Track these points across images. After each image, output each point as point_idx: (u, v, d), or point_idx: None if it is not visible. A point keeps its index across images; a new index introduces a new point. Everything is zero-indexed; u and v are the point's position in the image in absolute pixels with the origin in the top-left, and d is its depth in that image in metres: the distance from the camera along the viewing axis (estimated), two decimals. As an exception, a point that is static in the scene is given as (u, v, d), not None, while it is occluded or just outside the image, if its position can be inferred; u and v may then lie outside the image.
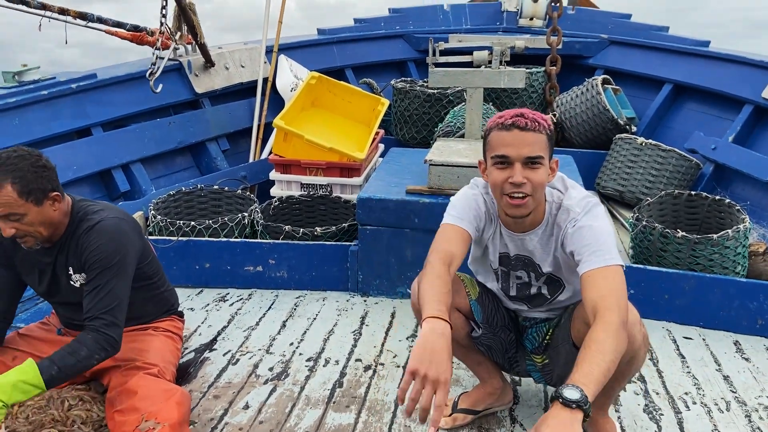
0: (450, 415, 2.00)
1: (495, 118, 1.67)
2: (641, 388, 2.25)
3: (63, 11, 3.64)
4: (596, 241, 1.61)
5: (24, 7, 3.49)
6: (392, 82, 4.64)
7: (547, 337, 1.88)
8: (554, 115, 4.59)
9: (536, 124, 1.62)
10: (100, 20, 3.85)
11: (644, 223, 2.90)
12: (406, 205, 2.83)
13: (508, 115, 1.65)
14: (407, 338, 2.61)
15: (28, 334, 2.21)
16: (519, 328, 1.98)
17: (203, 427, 2.02)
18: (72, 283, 2.02)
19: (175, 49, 4.06)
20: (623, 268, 1.60)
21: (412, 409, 1.39)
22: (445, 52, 3.18)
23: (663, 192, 3.29)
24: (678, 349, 2.52)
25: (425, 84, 4.60)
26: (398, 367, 2.39)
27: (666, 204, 3.25)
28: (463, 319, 1.87)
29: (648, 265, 2.82)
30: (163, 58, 3.67)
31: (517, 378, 2.25)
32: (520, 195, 1.64)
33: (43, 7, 3.55)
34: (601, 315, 1.48)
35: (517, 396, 2.14)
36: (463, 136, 3.44)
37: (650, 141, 3.97)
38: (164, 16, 3.58)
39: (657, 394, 2.22)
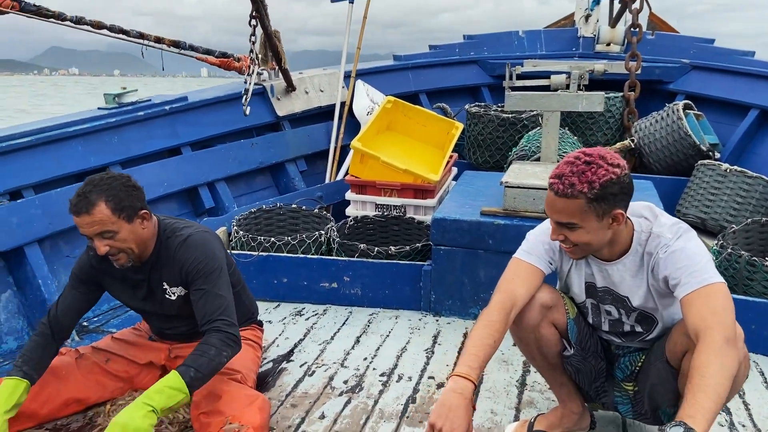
0: (525, 436, 1.98)
1: (559, 163, 1.66)
2: (726, 420, 2.15)
3: (158, 40, 3.92)
4: (692, 263, 1.56)
5: (125, 37, 3.79)
6: (466, 106, 4.69)
7: (639, 364, 1.83)
8: (632, 141, 4.50)
9: (571, 189, 1.57)
10: (192, 48, 4.12)
11: (729, 250, 2.80)
12: (481, 227, 2.84)
13: (558, 168, 1.62)
14: (480, 359, 2.60)
15: (121, 338, 2.35)
16: (611, 357, 1.93)
17: (281, 434, 2.09)
18: (168, 296, 2.13)
19: (259, 74, 4.27)
20: (725, 285, 1.53)
21: None
22: (520, 77, 3.20)
23: (749, 219, 3.16)
24: (765, 382, 2.40)
25: (499, 108, 4.63)
26: (471, 386, 2.39)
27: (752, 232, 3.12)
28: (557, 336, 1.85)
29: (733, 293, 2.70)
30: (251, 84, 3.87)
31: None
32: (568, 245, 1.68)
33: (141, 36, 3.84)
34: (703, 337, 1.42)
35: (594, 421, 2.10)
36: (538, 159, 3.44)
37: (735, 167, 3.82)
38: (253, 43, 3.79)
39: (743, 426, 2.12)
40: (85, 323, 2.94)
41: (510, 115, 4.36)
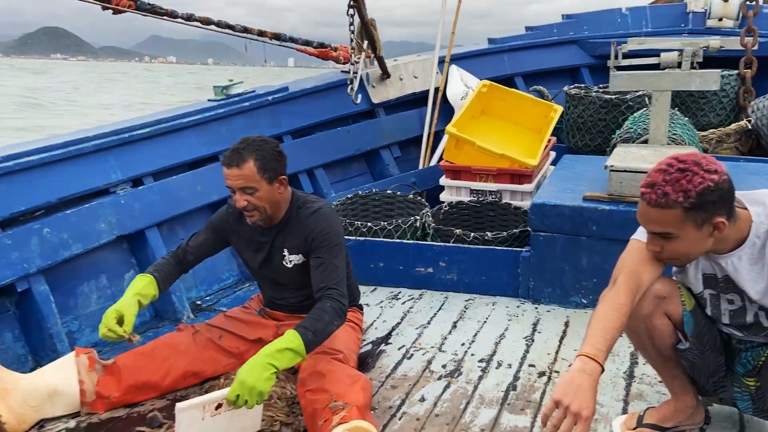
0: (634, 429, 1.92)
1: (650, 171, 1.58)
2: None
3: (261, 33, 4.07)
4: None
5: (231, 32, 3.96)
6: (565, 88, 4.54)
7: (763, 359, 1.73)
8: (749, 122, 4.19)
9: (665, 199, 1.50)
10: (292, 39, 4.25)
11: None
12: (583, 212, 2.76)
13: (650, 176, 1.56)
14: (582, 348, 2.54)
15: (232, 316, 2.49)
16: (731, 351, 1.82)
17: (383, 414, 2.14)
18: (285, 263, 2.27)
19: (355, 62, 4.33)
20: None
21: None
22: (625, 56, 3.06)
23: None
24: None
25: (601, 89, 4.45)
26: (573, 375, 2.34)
27: None
28: (671, 328, 1.77)
29: None
30: (357, 72, 3.95)
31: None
32: (666, 255, 1.61)
33: (245, 30, 4.01)
34: None
35: (708, 416, 2.00)
36: (645, 142, 3.28)
37: None
38: (352, 32, 3.86)
39: None
40: (198, 302, 3.14)
41: (613, 97, 4.18)
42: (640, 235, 1.71)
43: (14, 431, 2.02)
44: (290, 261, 2.26)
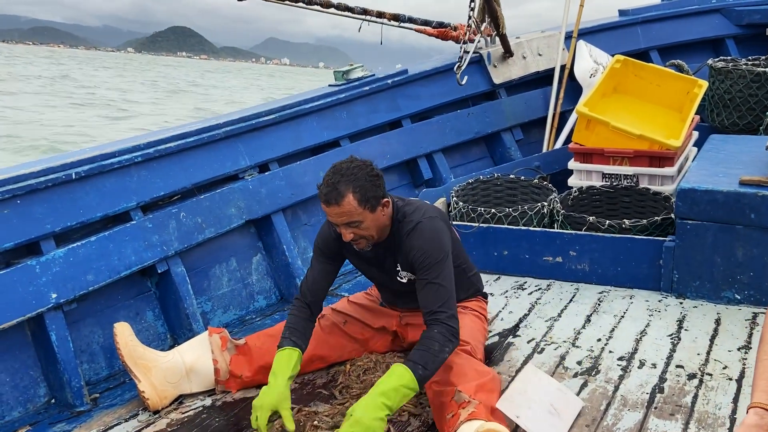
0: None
1: None
2: None
3: (380, 14, 4.01)
4: None
5: (350, 14, 3.95)
6: (709, 61, 4.11)
7: None
8: None
9: None
10: (411, 20, 4.16)
11: None
12: (741, 198, 2.46)
13: None
14: (738, 349, 2.27)
15: (356, 302, 2.47)
16: None
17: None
18: (399, 278, 2.19)
19: (468, 41, 4.17)
20: None
21: None
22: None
23: None
24: None
25: (751, 62, 3.98)
26: (730, 380, 2.09)
27: None
28: None
29: None
30: (468, 52, 3.80)
31: None
32: None
33: (365, 12, 3.97)
34: None
35: None
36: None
37: None
38: (472, 9, 3.71)
39: None
40: (320, 286, 3.17)
41: (767, 69, 3.72)
42: None
43: (156, 406, 2.13)
44: (403, 276, 2.17)
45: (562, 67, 4.33)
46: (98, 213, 2.47)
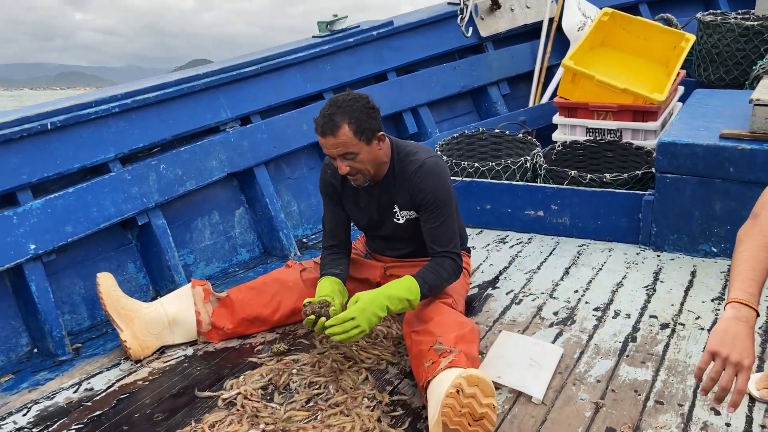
0: (773, 390, 1.73)
1: None
2: None
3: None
4: None
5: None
6: (698, 15, 4.06)
7: None
8: None
9: None
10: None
11: None
12: (720, 152, 2.47)
13: None
14: (712, 300, 2.32)
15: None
16: None
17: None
18: (396, 219, 2.19)
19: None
20: None
21: (710, 388, 1.31)
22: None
23: None
24: None
25: (740, 16, 3.94)
26: (702, 329, 2.14)
27: None
28: None
29: None
30: (467, 5, 3.72)
31: None
32: None
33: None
34: None
35: None
36: (796, 72, 2.87)
37: None
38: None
39: None
40: (304, 240, 3.18)
41: (755, 23, 3.69)
42: None
43: (137, 356, 2.15)
44: (402, 217, 2.18)
45: (551, 20, 4.27)
46: (75, 164, 2.44)
